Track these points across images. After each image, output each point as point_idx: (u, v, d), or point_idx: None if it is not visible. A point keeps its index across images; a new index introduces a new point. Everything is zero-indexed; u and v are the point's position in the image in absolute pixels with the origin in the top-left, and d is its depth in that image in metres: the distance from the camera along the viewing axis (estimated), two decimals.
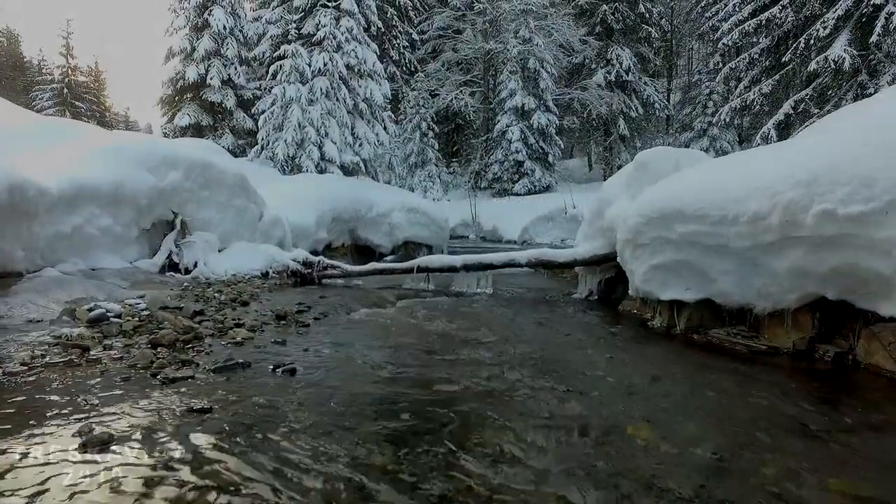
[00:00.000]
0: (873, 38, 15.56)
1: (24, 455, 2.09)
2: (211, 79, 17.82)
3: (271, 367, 3.42)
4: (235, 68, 18.53)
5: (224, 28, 17.93)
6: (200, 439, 2.34)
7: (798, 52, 17.67)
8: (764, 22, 19.02)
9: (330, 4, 16.35)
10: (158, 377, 3.10)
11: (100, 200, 6.05)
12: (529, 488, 2.08)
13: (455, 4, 30.70)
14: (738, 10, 20.42)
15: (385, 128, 17.99)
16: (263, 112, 15.96)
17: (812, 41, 17.15)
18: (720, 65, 25.83)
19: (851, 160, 3.52)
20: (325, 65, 15.37)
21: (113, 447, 2.19)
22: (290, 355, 3.80)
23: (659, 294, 5.11)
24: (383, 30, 26.99)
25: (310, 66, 15.30)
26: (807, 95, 17.82)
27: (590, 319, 5.64)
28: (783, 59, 18.65)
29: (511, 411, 2.89)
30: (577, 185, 28.63)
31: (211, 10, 17.95)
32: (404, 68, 30.87)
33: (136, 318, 4.22)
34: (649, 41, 30.15)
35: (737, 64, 21.13)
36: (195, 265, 6.85)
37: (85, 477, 1.96)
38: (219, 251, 7.55)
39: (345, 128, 15.66)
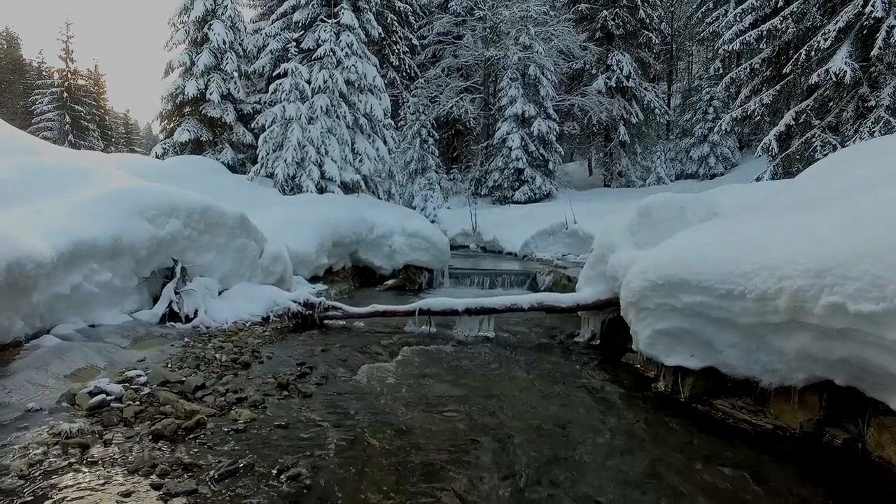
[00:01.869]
0: (874, 52, 15.47)
1: None
2: (210, 94, 17.71)
3: (275, 470, 3.37)
4: (235, 82, 18.43)
5: (224, 43, 17.82)
6: None
7: (799, 63, 17.58)
8: (765, 33, 18.90)
9: (329, 20, 16.25)
10: (161, 491, 3.06)
11: (99, 256, 6.00)
12: None
13: (455, 10, 30.59)
14: (738, 20, 20.28)
15: (385, 142, 17.91)
16: (264, 129, 15.87)
17: (813, 52, 17.05)
18: (720, 70, 25.72)
19: (863, 254, 3.46)
20: (325, 82, 15.28)
21: None
22: (293, 444, 3.76)
23: (663, 359, 5.07)
24: (383, 35, 26.86)
25: (309, 83, 15.21)
26: (808, 107, 17.75)
27: (592, 380, 5.58)
28: (784, 71, 18.56)
29: None
30: (578, 191, 28.58)
31: (211, 25, 17.83)
32: (404, 74, 30.76)
33: (137, 402, 4.17)
34: (650, 46, 30.02)
35: (738, 73, 21.03)
36: (196, 313, 6.80)
37: None
38: (219, 293, 7.52)
39: (345, 145, 15.58)
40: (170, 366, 5.12)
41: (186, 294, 6.84)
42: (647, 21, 29.03)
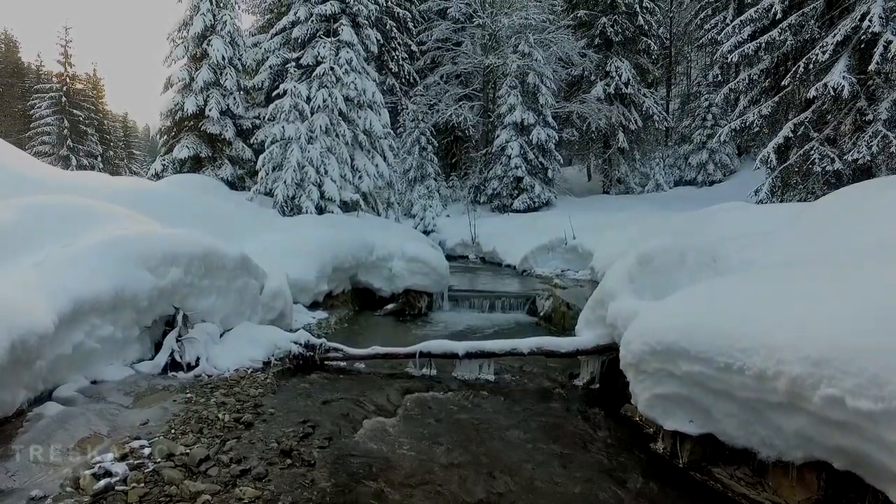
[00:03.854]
0: (872, 66, 15.48)
1: None
2: (210, 110, 17.70)
3: None
4: (234, 98, 18.41)
5: (223, 58, 17.79)
6: None
7: (797, 75, 17.59)
8: (764, 45, 18.91)
9: (328, 37, 16.23)
10: None
11: (100, 310, 6.02)
12: None
13: (454, 16, 30.55)
14: (737, 31, 20.25)
15: (384, 157, 17.92)
16: (263, 145, 15.87)
17: (811, 65, 17.06)
18: (719, 77, 25.69)
19: (861, 349, 3.47)
20: (324, 101, 15.29)
21: None
22: None
23: (662, 422, 5.10)
24: (382, 42, 26.83)
25: (309, 102, 15.21)
26: (806, 119, 17.77)
27: (591, 438, 5.63)
28: (783, 83, 18.56)
29: None
30: (577, 198, 28.63)
31: (210, 41, 17.80)
32: (403, 80, 30.77)
33: (142, 483, 4.20)
34: (648, 52, 30.01)
35: (736, 84, 21.02)
36: (197, 361, 6.83)
37: None
38: (220, 335, 7.54)
39: (344, 164, 15.59)
40: (173, 430, 5.14)
41: (188, 342, 6.87)
42: (646, 27, 29.03)
